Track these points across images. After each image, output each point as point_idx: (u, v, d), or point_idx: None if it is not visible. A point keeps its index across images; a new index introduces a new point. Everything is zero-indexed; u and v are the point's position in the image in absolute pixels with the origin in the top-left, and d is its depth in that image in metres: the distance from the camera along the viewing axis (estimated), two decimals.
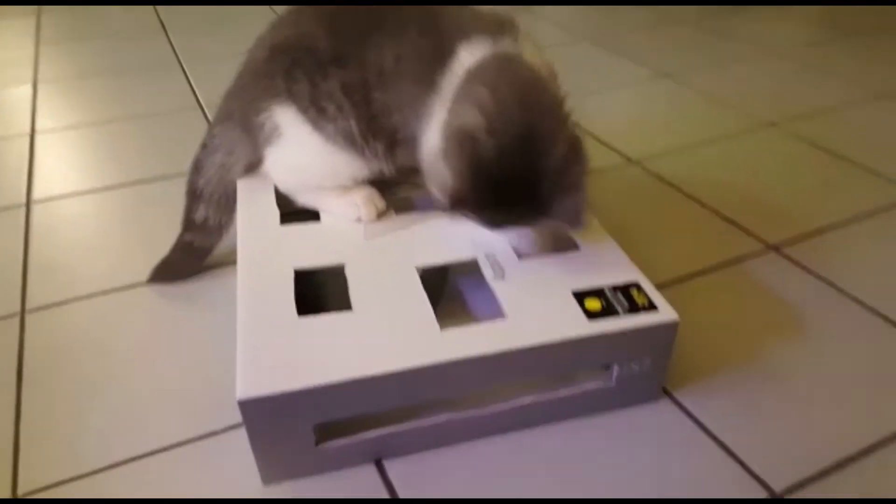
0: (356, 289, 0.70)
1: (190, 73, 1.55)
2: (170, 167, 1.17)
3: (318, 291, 0.74)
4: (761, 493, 0.64)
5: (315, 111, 0.76)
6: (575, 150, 0.68)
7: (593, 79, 1.49)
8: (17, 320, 0.85)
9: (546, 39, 1.67)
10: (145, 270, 0.90)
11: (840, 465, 0.66)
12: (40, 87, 1.51)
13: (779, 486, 0.64)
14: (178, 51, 1.68)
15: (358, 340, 0.64)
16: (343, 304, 0.69)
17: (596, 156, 1.17)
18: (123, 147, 1.26)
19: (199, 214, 0.88)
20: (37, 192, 1.11)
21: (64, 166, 1.20)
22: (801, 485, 0.65)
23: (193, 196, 0.88)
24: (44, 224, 1.04)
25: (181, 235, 0.90)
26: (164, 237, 0.90)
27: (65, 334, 0.83)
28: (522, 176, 0.67)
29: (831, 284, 0.89)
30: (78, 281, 0.91)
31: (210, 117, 1.35)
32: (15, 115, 1.38)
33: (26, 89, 1.49)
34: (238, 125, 0.84)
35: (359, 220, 0.81)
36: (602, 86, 1.46)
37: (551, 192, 0.67)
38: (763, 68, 1.54)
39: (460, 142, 0.67)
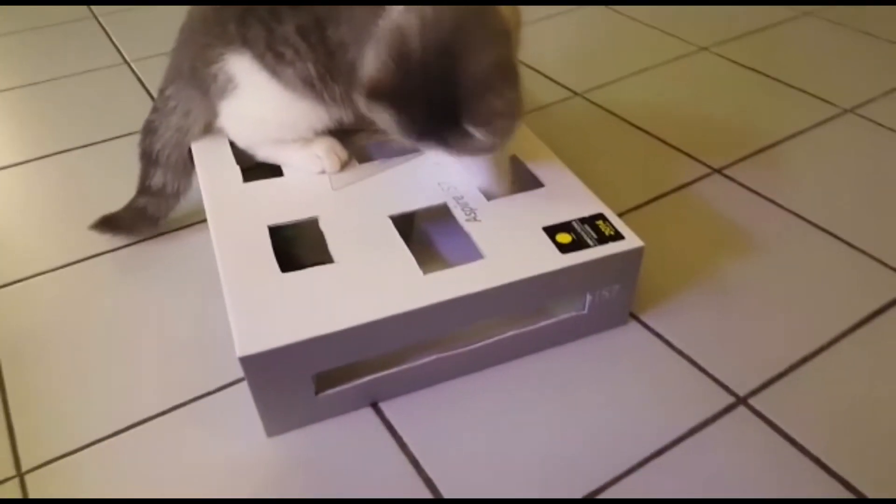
0: (333, 241, 0.71)
1: (107, 26, 1.47)
2: (104, 131, 1.12)
3: (287, 247, 0.74)
4: (728, 398, 0.70)
5: (272, 56, 0.75)
6: (505, 71, 0.67)
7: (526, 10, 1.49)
8: None
9: None
10: (100, 240, 0.88)
11: (795, 366, 0.73)
12: None
13: (743, 390, 0.71)
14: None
15: (347, 290, 0.66)
16: (314, 257, 0.70)
17: (540, 90, 1.21)
18: (48, 113, 1.20)
19: (157, 180, 0.86)
20: None
21: None
22: (763, 387, 0.71)
23: (149, 161, 0.86)
24: None
25: (135, 199, 0.88)
26: (113, 204, 0.88)
27: (34, 311, 0.81)
28: (443, 79, 0.65)
29: (772, 201, 0.95)
30: (35, 257, 0.88)
31: (139, 74, 1.29)
32: None
33: None
34: (189, 81, 0.82)
35: (322, 172, 0.81)
36: (533, 16, 1.47)
37: (470, 100, 0.65)
38: None
39: (389, 34, 0.66)
